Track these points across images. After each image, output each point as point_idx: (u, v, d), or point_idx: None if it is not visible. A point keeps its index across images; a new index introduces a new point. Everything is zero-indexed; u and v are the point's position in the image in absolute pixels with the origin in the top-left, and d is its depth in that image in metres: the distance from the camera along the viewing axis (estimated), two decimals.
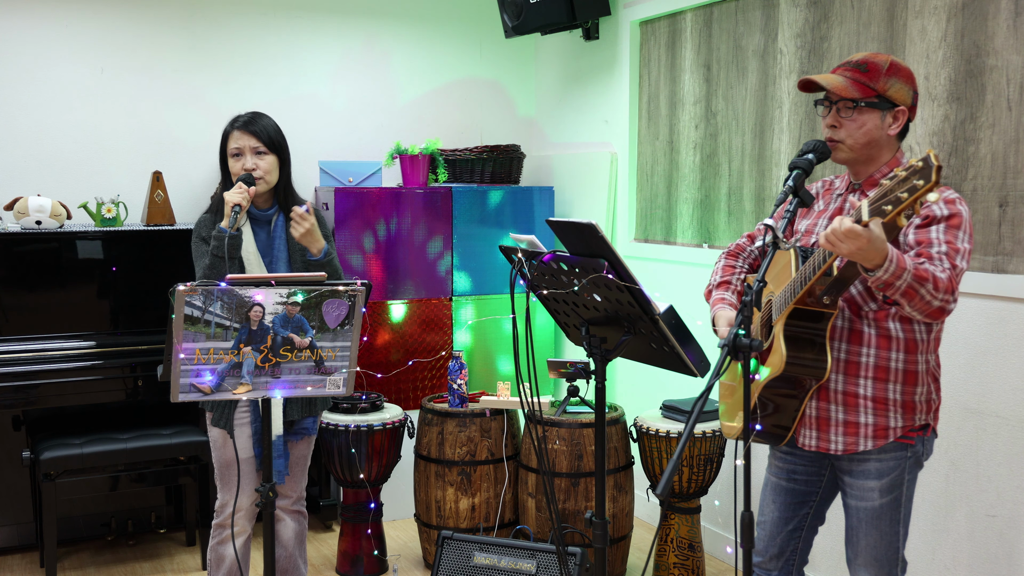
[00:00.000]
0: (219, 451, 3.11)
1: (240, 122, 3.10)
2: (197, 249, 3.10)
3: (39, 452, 3.96)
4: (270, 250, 3.10)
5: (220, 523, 3.15)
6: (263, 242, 3.10)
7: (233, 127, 3.10)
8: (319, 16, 5.00)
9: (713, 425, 3.77)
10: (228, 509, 3.13)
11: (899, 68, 2.44)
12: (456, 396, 4.08)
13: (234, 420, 3.06)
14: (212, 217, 3.11)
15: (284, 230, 3.12)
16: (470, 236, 4.82)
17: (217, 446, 3.11)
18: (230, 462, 3.10)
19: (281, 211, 3.14)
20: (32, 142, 4.50)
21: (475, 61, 5.36)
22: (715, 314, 2.67)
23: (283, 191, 3.14)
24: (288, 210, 3.12)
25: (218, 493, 3.16)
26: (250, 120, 3.11)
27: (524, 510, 4.01)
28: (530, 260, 2.45)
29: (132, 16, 4.64)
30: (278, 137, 3.13)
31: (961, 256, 2.34)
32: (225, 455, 3.10)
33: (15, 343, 4.12)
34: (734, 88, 4.14)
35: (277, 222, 3.12)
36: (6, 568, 4.13)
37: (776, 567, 2.71)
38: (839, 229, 2.15)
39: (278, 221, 3.12)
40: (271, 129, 3.11)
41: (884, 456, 2.49)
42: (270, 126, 3.12)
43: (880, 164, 2.49)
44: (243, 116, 3.13)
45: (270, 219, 3.12)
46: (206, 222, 3.10)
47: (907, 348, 2.45)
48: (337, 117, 5.07)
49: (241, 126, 3.09)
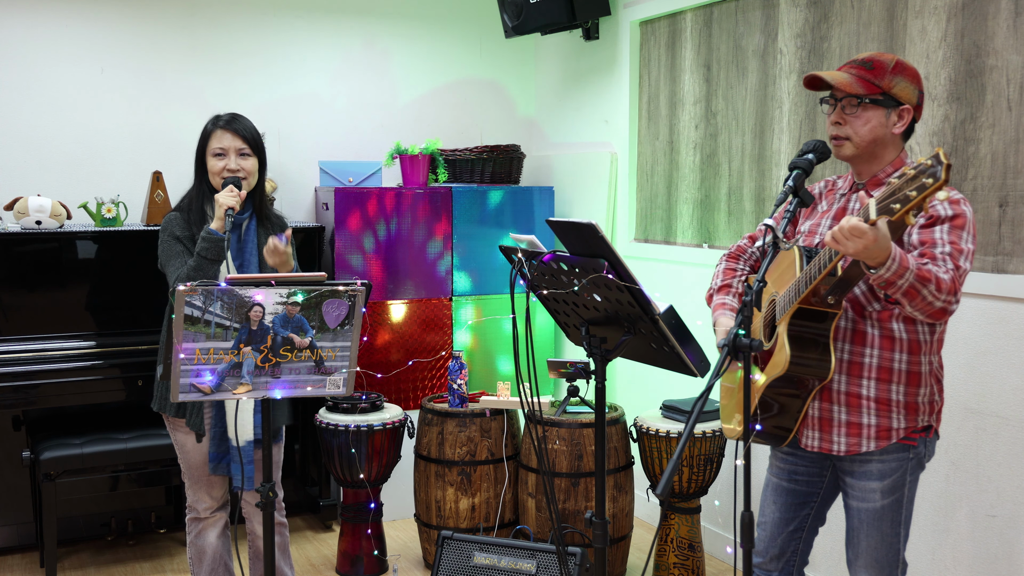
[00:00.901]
0: (189, 453, 3.10)
1: (223, 121, 3.07)
2: (169, 248, 3.02)
3: (39, 452, 3.96)
4: (241, 254, 3.07)
5: (194, 518, 3.18)
6: (234, 246, 3.06)
7: (216, 126, 3.07)
8: (319, 16, 5.00)
9: (713, 425, 3.77)
10: (201, 506, 3.15)
11: (905, 67, 2.44)
12: (456, 396, 4.08)
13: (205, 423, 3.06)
14: (186, 217, 3.06)
15: (256, 234, 3.09)
16: (470, 236, 4.82)
17: (187, 450, 3.10)
18: (200, 463, 3.11)
19: (255, 215, 3.11)
20: (32, 142, 4.50)
21: (475, 61, 5.36)
22: (716, 320, 2.68)
23: (258, 195, 3.13)
24: (262, 214, 3.12)
25: (187, 492, 3.17)
26: (234, 119, 3.09)
27: (524, 510, 4.01)
28: (530, 260, 2.45)
29: (132, 16, 4.64)
30: (259, 139, 3.13)
31: (964, 257, 2.34)
32: (196, 457, 3.10)
33: (15, 343, 4.12)
34: (734, 88, 4.14)
35: (249, 226, 3.09)
36: (6, 568, 4.13)
37: (777, 568, 2.71)
38: (845, 227, 2.15)
39: (250, 225, 3.10)
40: (254, 131, 3.11)
41: (886, 457, 2.49)
42: (252, 128, 3.11)
43: (884, 163, 2.48)
44: (225, 116, 3.10)
45: (242, 223, 3.08)
46: (179, 221, 3.05)
47: (910, 349, 2.45)
48: (337, 117, 5.07)
49: (225, 125, 3.06)
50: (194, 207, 3.08)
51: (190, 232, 3.03)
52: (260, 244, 3.09)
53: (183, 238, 3.02)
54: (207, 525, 3.17)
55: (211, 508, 3.16)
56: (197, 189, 3.11)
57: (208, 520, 3.17)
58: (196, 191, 3.12)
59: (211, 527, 3.17)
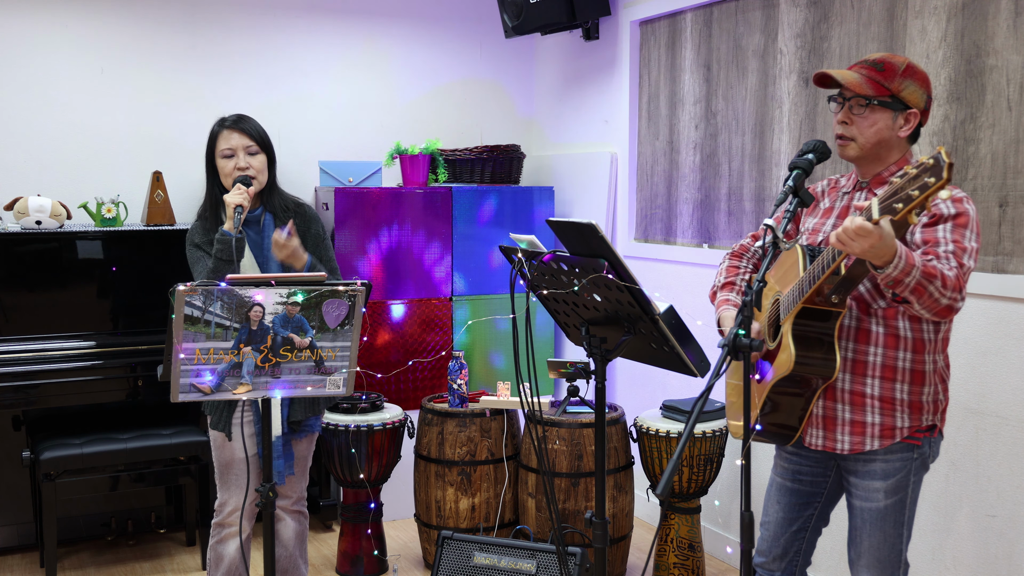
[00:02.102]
0: (218, 451, 3.11)
1: (229, 122, 3.10)
2: (193, 256, 3.10)
3: (39, 452, 3.96)
4: (261, 250, 3.10)
5: (219, 522, 3.15)
6: (254, 242, 3.10)
7: (223, 127, 3.09)
8: (319, 16, 5.00)
9: (713, 425, 3.77)
10: (227, 508, 3.13)
11: (915, 71, 2.44)
12: (456, 396, 4.08)
13: (232, 421, 3.06)
14: (204, 224, 3.10)
15: (272, 230, 3.11)
16: (470, 236, 4.82)
17: (217, 446, 3.11)
18: (230, 463, 3.10)
19: (268, 211, 3.13)
20: (32, 142, 4.50)
21: (475, 61, 5.36)
22: (720, 316, 2.68)
23: (270, 191, 3.15)
24: (275, 209, 3.14)
25: (218, 493, 3.16)
26: (240, 119, 3.11)
27: (524, 510, 4.01)
28: (530, 260, 2.45)
29: (132, 16, 4.64)
30: (266, 136, 3.15)
31: (968, 255, 2.34)
32: (224, 455, 3.10)
33: (15, 343, 4.12)
34: (734, 88, 4.14)
35: (265, 222, 3.12)
36: (6, 568, 4.13)
37: (779, 568, 2.71)
38: (850, 227, 2.15)
39: (266, 221, 3.12)
40: (260, 128, 3.13)
41: (890, 457, 2.49)
42: (258, 126, 3.14)
43: (888, 163, 2.48)
44: (230, 117, 3.13)
45: (259, 219, 3.12)
46: (198, 229, 3.10)
47: (915, 348, 2.45)
48: (337, 117, 5.07)
49: (231, 125, 3.09)
50: (209, 213, 3.12)
51: (208, 237, 3.07)
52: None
53: (202, 244, 3.07)
54: (230, 535, 3.14)
55: (236, 511, 3.11)
56: (210, 194, 3.15)
57: (231, 530, 3.13)
58: (209, 196, 3.15)
59: (232, 537, 3.13)
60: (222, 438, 3.08)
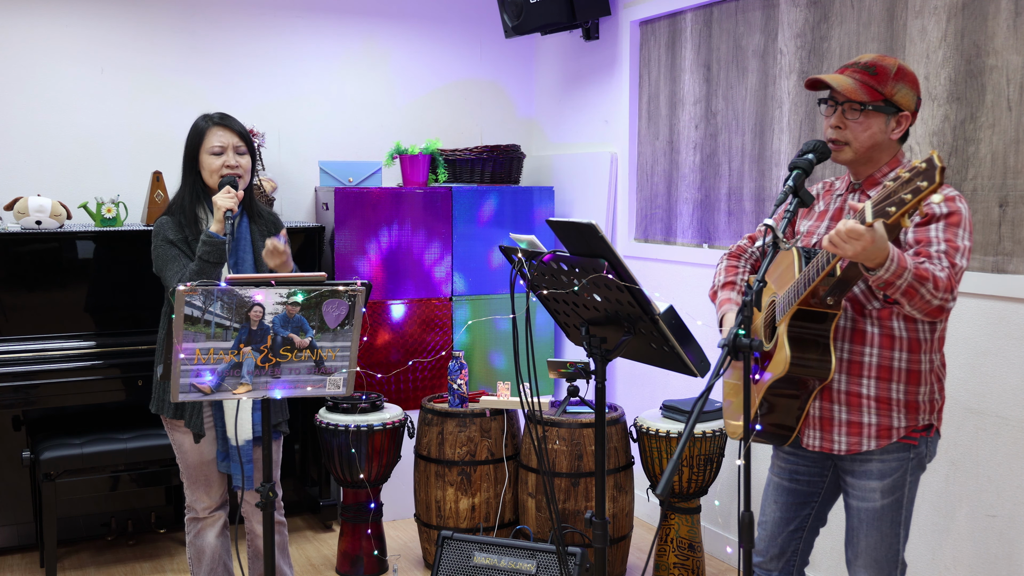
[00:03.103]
0: (187, 453, 3.09)
1: (217, 118, 3.07)
2: (166, 252, 2.99)
3: (39, 452, 3.96)
4: (235, 252, 3.05)
5: (192, 518, 3.17)
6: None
7: (211, 123, 3.05)
8: (319, 16, 5.00)
9: (713, 425, 3.77)
10: (199, 506, 3.15)
11: (906, 73, 2.45)
12: (456, 396, 4.08)
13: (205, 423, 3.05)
14: (175, 219, 3.03)
15: (248, 232, 3.09)
16: (470, 236, 4.82)
17: (184, 449, 3.09)
18: (199, 463, 3.10)
19: (245, 212, 3.11)
20: (32, 142, 4.50)
21: (475, 61, 5.36)
22: (722, 314, 2.68)
23: (249, 193, 3.12)
24: (252, 211, 3.12)
25: (186, 494, 3.17)
26: (227, 116, 3.08)
27: (524, 510, 4.01)
28: (530, 260, 2.45)
29: (132, 16, 4.64)
30: (250, 137, 3.14)
31: (961, 254, 2.34)
32: (192, 457, 3.09)
33: (15, 343, 4.12)
34: (734, 88, 4.14)
35: (241, 224, 3.08)
36: (6, 568, 4.13)
37: (777, 567, 2.72)
38: (842, 230, 2.15)
39: (242, 223, 3.09)
40: (245, 128, 3.12)
41: (887, 457, 2.49)
42: (243, 125, 3.12)
43: (880, 164, 2.50)
44: (215, 114, 3.09)
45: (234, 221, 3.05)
46: (169, 224, 3.01)
47: (910, 347, 2.45)
48: (337, 117, 5.07)
49: (220, 122, 3.05)
50: (187, 209, 3.04)
51: (183, 235, 3.00)
52: (254, 241, 3.09)
53: (177, 241, 2.99)
54: (206, 525, 3.17)
55: (209, 508, 3.16)
56: (189, 189, 3.06)
57: (207, 520, 3.17)
58: (188, 192, 3.06)
59: (210, 527, 3.17)
60: (191, 440, 3.07)
